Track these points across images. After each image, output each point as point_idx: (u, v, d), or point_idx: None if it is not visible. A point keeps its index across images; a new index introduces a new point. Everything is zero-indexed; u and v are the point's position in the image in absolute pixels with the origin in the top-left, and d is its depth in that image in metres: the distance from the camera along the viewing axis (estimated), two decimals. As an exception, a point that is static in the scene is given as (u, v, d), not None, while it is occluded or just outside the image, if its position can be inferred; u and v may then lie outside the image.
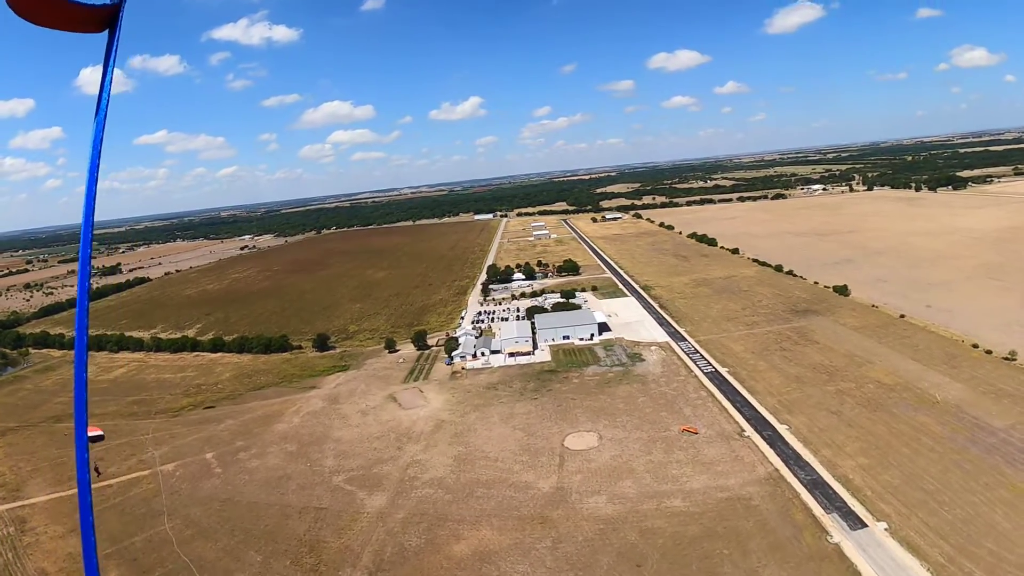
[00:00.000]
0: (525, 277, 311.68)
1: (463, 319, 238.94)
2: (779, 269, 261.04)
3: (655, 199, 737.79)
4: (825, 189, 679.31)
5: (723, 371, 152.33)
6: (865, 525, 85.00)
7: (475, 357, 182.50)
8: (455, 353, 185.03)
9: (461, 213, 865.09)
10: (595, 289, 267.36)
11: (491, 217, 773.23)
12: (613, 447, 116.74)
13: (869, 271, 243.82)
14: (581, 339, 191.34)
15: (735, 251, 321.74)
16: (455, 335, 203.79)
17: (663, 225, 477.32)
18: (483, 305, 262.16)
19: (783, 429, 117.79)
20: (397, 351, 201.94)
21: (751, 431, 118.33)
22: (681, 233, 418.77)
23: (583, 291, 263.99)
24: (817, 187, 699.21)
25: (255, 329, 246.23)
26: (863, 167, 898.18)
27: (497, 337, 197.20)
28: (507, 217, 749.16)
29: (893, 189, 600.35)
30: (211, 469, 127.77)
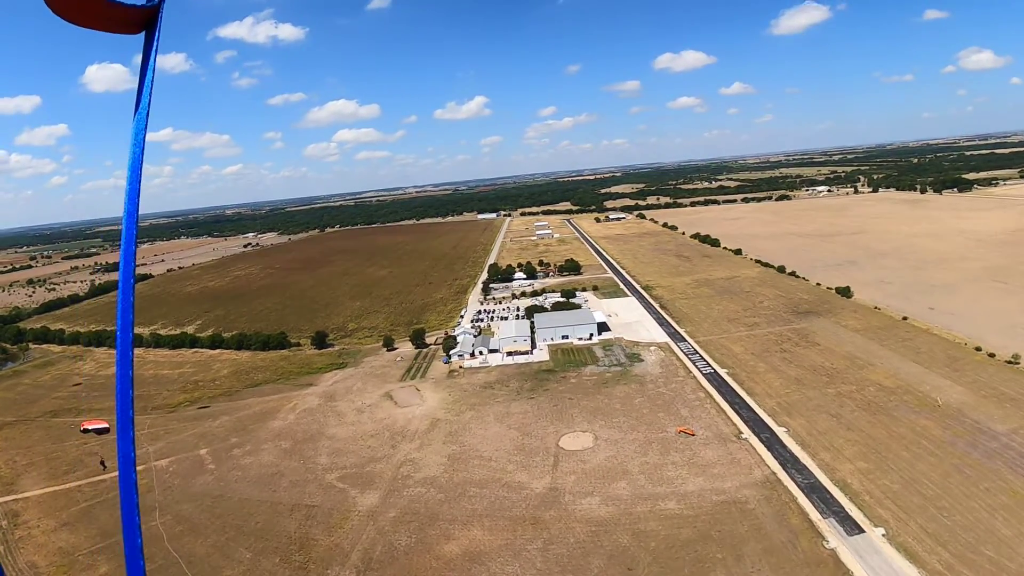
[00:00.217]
0: (526, 276, 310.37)
1: (463, 318, 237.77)
2: (782, 270, 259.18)
3: (659, 200, 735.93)
4: (830, 191, 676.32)
5: (722, 372, 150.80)
6: (862, 530, 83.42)
7: (473, 356, 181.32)
8: (453, 352, 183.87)
9: (465, 212, 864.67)
10: (596, 289, 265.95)
11: (494, 216, 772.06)
12: (608, 448, 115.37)
13: (872, 273, 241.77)
14: (580, 339, 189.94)
15: (738, 252, 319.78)
16: (454, 334, 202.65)
17: (666, 225, 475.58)
18: (483, 304, 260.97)
19: (781, 432, 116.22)
20: (395, 349, 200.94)
21: (749, 433, 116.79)
22: (684, 234, 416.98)
23: (584, 291, 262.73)
24: (822, 188, 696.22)
25: (255, 326, 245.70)
26: (868, 169, 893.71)
27: (496, 336, 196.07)
28: (511, 217, 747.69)
29: (898, 191, 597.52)
30: (204, 465, 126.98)
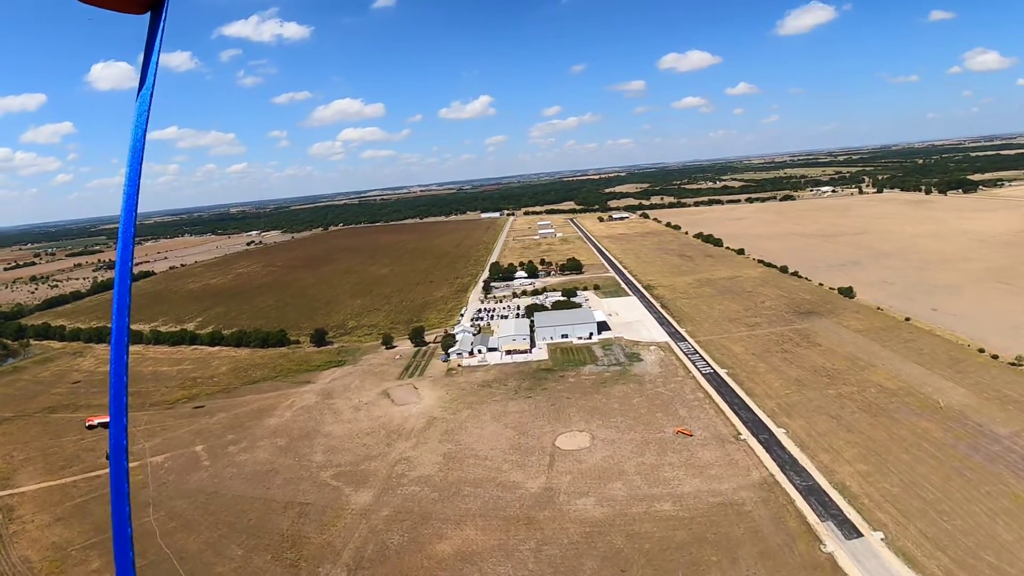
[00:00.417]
0: (527, 275, 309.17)
1: (463, 316, 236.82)
2: (784, 270, 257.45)
3: (663, 199, 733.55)
4: (834, 191, 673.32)
5: (722, 372, 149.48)
6: (861, 534, 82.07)
7: (472, 354, 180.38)
8: (452, 350, 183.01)
9: (468, 212, 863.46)
10: (597, 288, 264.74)
11: (498, 216, 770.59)
12: (605, 448, 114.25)
13: (875, 273, 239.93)
14: (580, 338, 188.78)
15: (740, 252, 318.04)
16: (453, 332, 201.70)
17: (670, 225, 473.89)
18: (484, 303, 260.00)
19: (780, 433, 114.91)
20: (394, 347, 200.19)
21: (747, 434, 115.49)
22: (687, 233, 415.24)
23: (585, 290, 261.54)
24: (826, 189, 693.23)
25: (255, 323, 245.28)
26: (873, 169, 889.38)
27: (495, 335, 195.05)
28: (514, 216, 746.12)
29: (903, 192, 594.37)
30: (200, 462, 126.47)
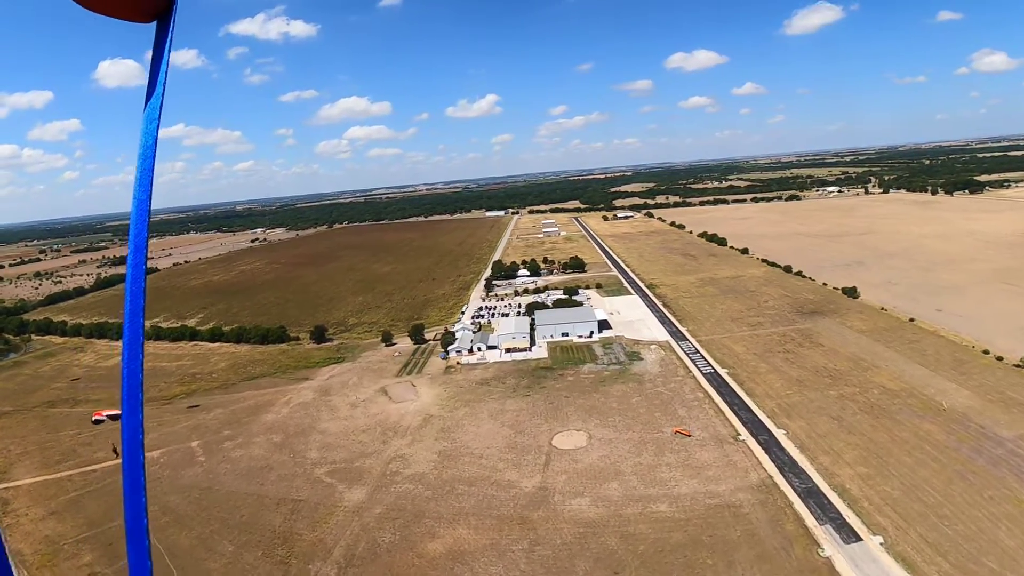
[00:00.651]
0: (530, 273, 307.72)
1: (463, 314, 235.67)
2: (788, 270, 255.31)
3: (668, 199, 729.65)
4: (840, 191, 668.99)
5: (722, 372, 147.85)
6: (860, 539, 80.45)
7: (471, 352, 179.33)
8: (451, 348, 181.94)
9: (473, 210, 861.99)
10: (599, 287, 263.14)
11: (503, 214, 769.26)
12: (602, 447, 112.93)
13: (880, 273, 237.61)
14: (580, 336, 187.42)
15: (744, 251, 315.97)
16: (453, 330, 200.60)
17: (674, 224, 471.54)
18: (485, 300, 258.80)
19: (780, 434, 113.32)
20: (394, 344, 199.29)
21: (746, 435, 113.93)
22: (692, 232, 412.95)
23: (587, 288, 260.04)
24: (832, 189, 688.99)
25: (256, 320, 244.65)
26: (879, 170, 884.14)
27: (495, 333, 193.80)
28: (519, 214, 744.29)
29: (909, 192, 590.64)
30: (195, 457, 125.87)
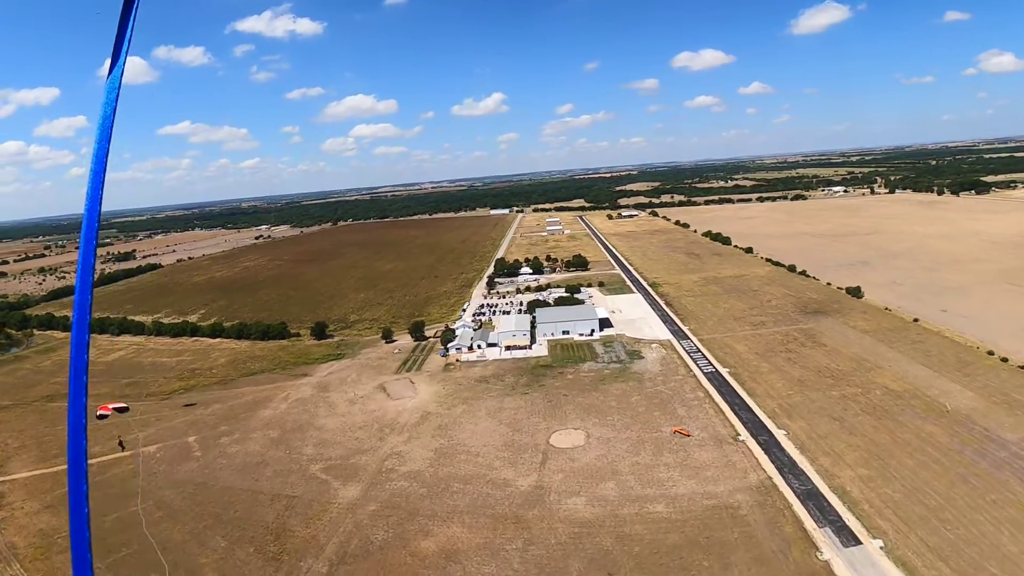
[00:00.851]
0: (532, 271, 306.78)
1: (464, 311, 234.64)
2: (792, 269, 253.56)
3: (674, 198, 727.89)
4: (846, 191, 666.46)
5: (723, 371, 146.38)
6: (859, 542, 78.89)
7: (471, 349, 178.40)
8: (451, 345, 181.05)
9: (478, 208, 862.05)
10: (602, 285, 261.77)
11: (507, 212, 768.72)
12: (600, 446, 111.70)
13: (885, 273, 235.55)
14: (581, 335, 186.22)
15: (749, 250, 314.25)
16: (453, 327, 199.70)
17: (678, 223, 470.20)
18: (487, 298, 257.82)
19: (781, 435, 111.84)
20: (394, 341, 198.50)
21: (746, 435, 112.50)
22: (696, 232, 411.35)
23: (589, 286, 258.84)
24: (838, 189, 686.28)
25: (258, 316, 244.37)
26: (886, 170, 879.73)
27: (495, 330, 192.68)
28: (523, 213, 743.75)
29: (915, 192, 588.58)
30: (191, 452, 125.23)
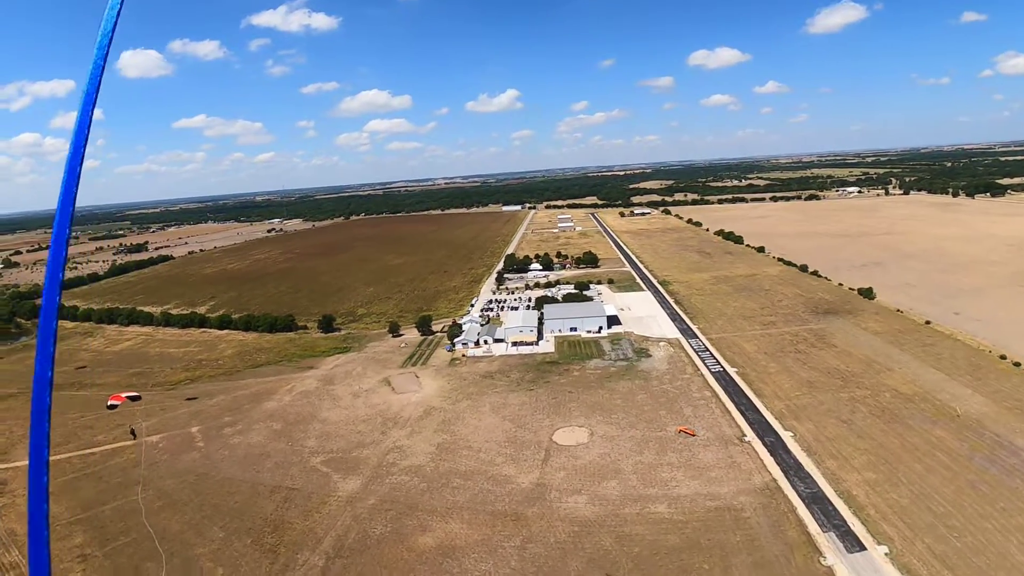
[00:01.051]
0: (542, 267, 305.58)
1: (473, 307, 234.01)
2: (804, 269, 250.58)
3: (687, 196, 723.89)
4: (860, 191, 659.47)
5: (731, 371, 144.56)
6: (864, 548, 77.10)
7: (477, 345, 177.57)
8: (457, 340, 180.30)
9: (490, 204, 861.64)
10: (611, 282, 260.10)
11: (519, 208, 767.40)
12: (603, 445, 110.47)
13: (898, 275, 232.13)
14: (589, 332, 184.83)
15: (761, 249, 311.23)
16: (460, 322, 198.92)
17: (691, 222, 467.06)
18: (496, 293, 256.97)
19: (787, 436, 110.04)
20: (401, 335, 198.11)
21: (752, 436, 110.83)
22: (708, 230, 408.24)
23: (599, 284, 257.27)
24: (852, 189, 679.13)
25: (266, 308, 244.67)
26: (901, 171, 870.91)
27: (502, 326, 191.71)
28: (535, 209, 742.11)
29: (930, 194, 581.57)
30: (194, 443, 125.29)
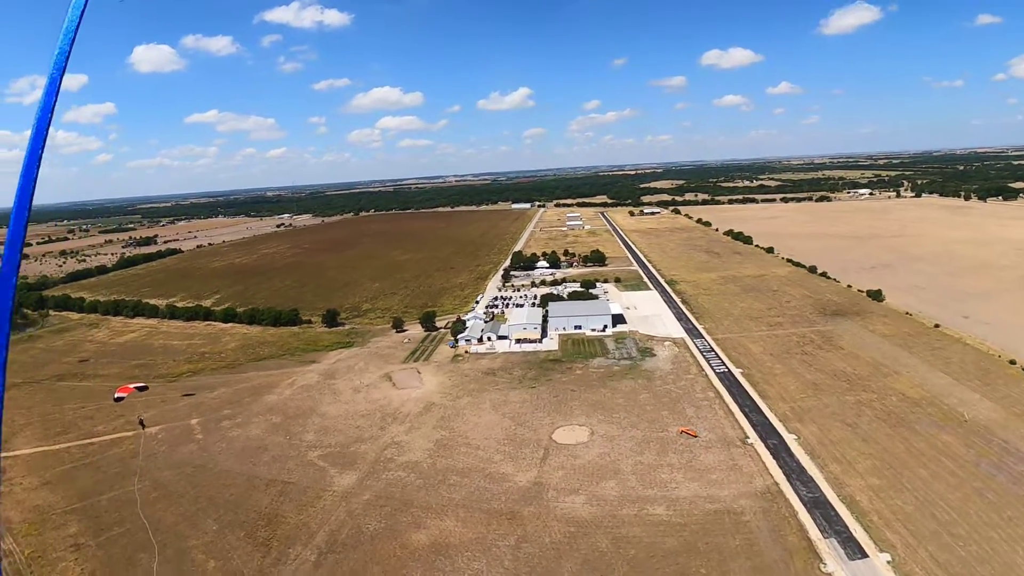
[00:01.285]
0: (549, 265, 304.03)
1: (478, 303, 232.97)
2: (813, 270, 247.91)
3: (697, 196, 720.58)
4: (872, 194, 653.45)
5: (736, 372, 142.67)
6: (866, 555, 75.18)
7: (480, 341, 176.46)
8: (460, 336, 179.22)
9: (500, 202, 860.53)
10: (618, 281, 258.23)
11: (528, 206, 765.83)
12: (603, 444, 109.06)
13: (907, 277, 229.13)
14: (593, 330, 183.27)
15: (770, 250, 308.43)
16: (464, 318, 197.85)
17: (700, 221, 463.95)
18: (501, 291, 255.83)
19: (791, 439, 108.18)
20: (404, 331, 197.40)
21: (755, 438, 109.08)
22: (718, 230, 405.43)
23: (606, 282, 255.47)
24: (864, 191, 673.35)
25: (272, 302, 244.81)
26: (913, 174, 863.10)
27: (506, 323, 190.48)
28: (544, 207, 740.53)
29: (941, 197, 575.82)
30: (192, 435, 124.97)
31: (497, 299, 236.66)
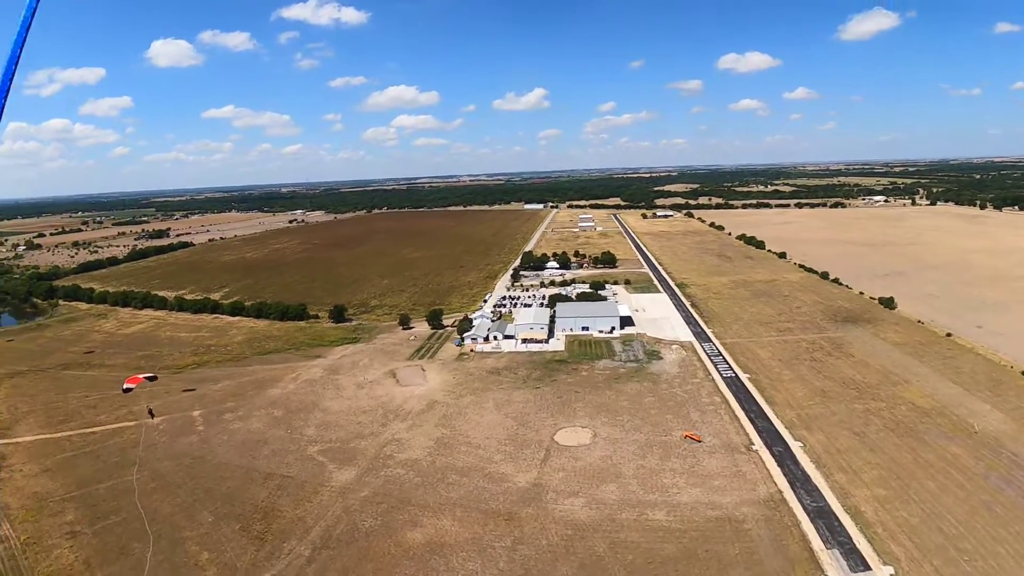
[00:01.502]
0: (559, 266, 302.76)
1: (486, 302, 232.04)
2: (825, 276, 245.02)
3: (711, 200, 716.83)
4: (887, 201, 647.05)
5: (743, 377, 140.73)
6: (868, 568, 73.24)
7: (487, 340, 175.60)
8: (467, 335, 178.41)
9: (513, 202, 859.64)
10: (628, 283, 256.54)
11: (541, 207, 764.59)
12: (605, 447, 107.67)
13: (920, 285, 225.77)
14: (601, 331, 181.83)
15: (782, 255, 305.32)
16: (471, 317, 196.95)
17: (713, 225, 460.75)
18: (510, 290, 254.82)
19: (796, 446, 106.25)
20: (411, 328, 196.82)
21: (760, 445, 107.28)
22: (730, 234, 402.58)
23: (615, 284, 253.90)
24: (878, 198, 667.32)
25: (280, 297, 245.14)
26: (929, 182, 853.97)
27: (513, 322, 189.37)
28: (557, 208, 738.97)
29: (957, 205, 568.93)
30: (194, 427, 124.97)
31: (505, 298, 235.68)
